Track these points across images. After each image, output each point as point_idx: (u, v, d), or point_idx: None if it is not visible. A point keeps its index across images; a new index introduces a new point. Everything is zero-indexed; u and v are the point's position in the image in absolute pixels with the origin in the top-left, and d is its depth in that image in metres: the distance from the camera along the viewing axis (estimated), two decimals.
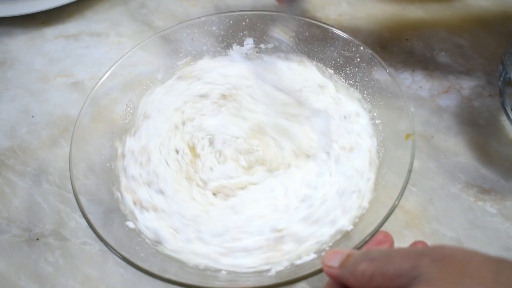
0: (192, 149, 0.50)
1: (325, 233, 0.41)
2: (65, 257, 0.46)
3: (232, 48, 0.56)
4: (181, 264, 0.41)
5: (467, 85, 0.56)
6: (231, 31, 0.56)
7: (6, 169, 0.53)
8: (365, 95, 0.51)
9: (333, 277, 0.31)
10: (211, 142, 0.50)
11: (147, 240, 0.42)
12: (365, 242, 0.37)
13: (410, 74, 0.57)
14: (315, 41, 0.53)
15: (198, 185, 0.47)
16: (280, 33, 0.50)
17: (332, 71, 0.54)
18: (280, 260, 0.40)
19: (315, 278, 0.36)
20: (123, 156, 0.48)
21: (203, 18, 0.55)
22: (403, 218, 0.46)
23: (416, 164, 0.46)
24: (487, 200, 0.47)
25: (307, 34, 0.54)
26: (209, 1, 0.69)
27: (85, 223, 0.40)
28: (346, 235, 0.41)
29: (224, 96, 0.53)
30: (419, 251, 0.27)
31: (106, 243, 0.38)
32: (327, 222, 0.42)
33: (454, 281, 0.24)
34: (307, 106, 0.51)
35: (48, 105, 0.59)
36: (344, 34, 0.52)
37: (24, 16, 0.65)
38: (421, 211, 0.46)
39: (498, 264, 0.25)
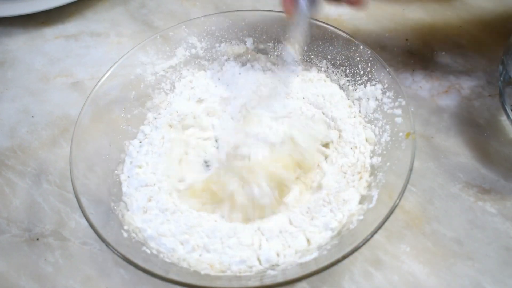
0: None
1: (326, 233, 0.41)
2: (65, 257, 0.46)
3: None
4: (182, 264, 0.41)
5: (467, 85, 0.56)
6: (231, 31, 0.56)
7: (6, 169, 0.53)
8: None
9: None
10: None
11: (148, 240, 0.42)
12: (366, 242, 0.37)
13: (410, 74, 0.57)
14: (315, 41, 0.53)
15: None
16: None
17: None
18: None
19: (315, 278, 0.36)
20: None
21: (203, 18, 0.55)
22: (403, 218, 0.46)
23: (416, 164, 0.46)
24: (487, 200, 0.47)
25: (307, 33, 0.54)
26: (209, 1, 0.69)
27: (85, 223, 0.40)
28: (346, 235, 0.41)
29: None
30: None
31: (107, 244, 0.38)
32: (328, 221, 0.42)
33: None
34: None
35: (48, 105, 0.59)
36: (344, 33, 0.52)
37: (24, 16, 0.66)
38: (421, 211, 0.46)
39: None
